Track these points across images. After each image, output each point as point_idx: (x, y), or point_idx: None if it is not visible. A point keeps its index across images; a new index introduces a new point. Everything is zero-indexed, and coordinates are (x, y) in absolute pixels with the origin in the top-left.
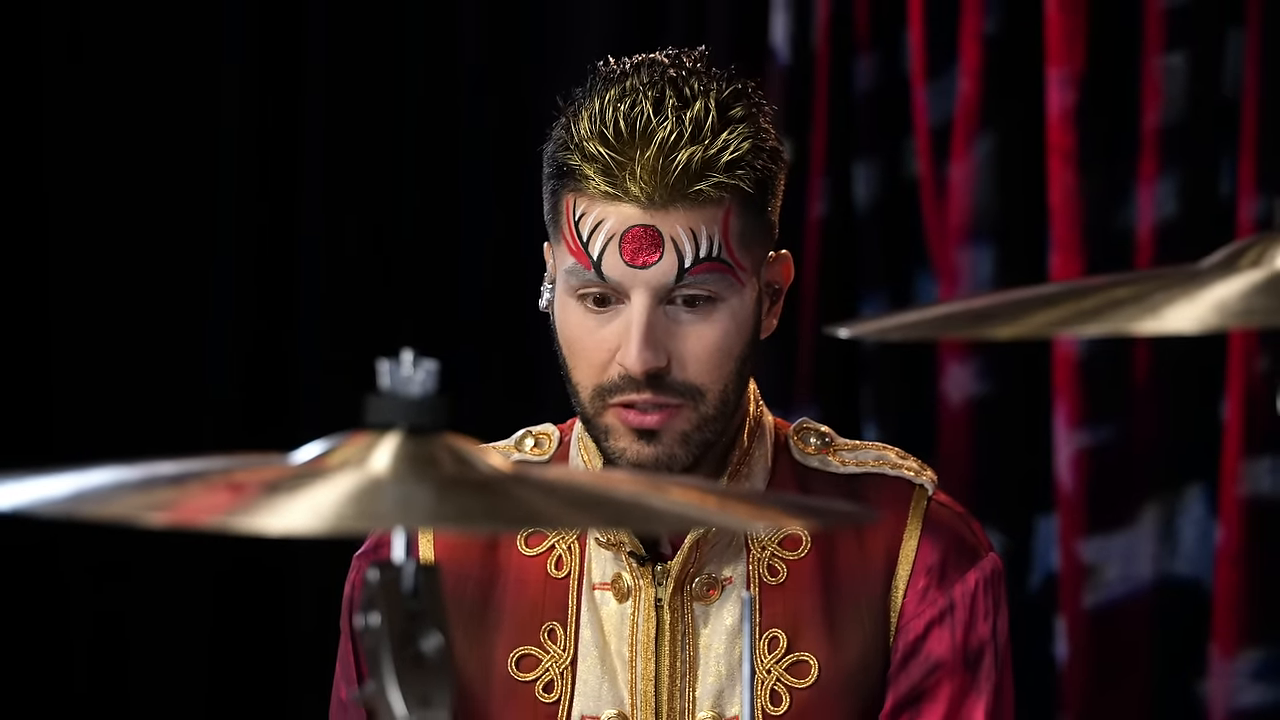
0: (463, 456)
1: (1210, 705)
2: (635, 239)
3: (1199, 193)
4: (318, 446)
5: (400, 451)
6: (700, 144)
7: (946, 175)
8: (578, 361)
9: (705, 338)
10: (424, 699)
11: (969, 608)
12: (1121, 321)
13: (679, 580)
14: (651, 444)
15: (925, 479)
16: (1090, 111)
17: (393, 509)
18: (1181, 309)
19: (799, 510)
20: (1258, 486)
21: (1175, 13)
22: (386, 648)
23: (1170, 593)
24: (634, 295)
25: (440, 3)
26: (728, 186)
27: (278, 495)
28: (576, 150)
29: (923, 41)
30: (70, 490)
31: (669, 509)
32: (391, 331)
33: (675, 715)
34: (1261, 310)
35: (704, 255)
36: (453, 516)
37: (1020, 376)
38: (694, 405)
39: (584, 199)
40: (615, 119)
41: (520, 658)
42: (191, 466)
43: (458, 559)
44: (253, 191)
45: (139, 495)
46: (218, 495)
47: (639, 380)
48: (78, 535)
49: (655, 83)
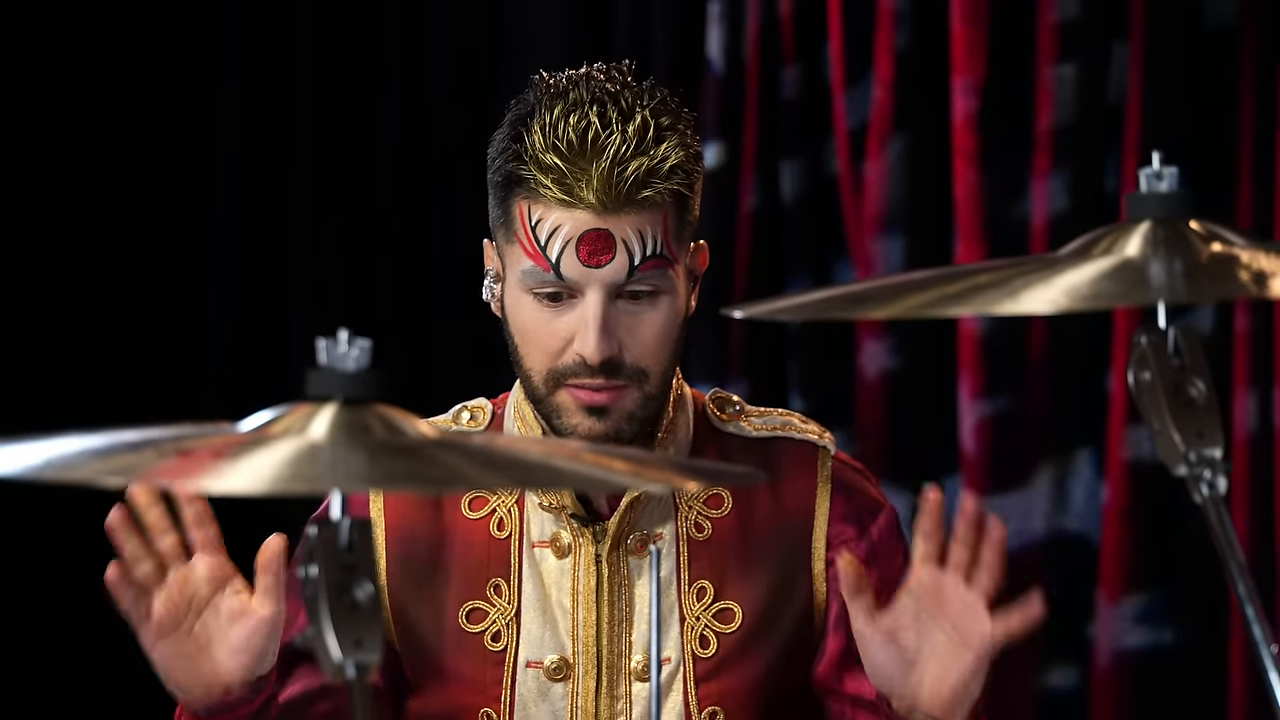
0: (393, 424)
1: (1097, 646)
2: (590, 241)
3: (1087, 188)
4: (263, 416)
5: (336, 420)
6: (646, 155)
7: (863, 173)
8: (531, 349)
9: (650, 325)
10: (357, 643)
11: (886, 548)
12: (983, 304)
13: (615, 537)
14: (602, 420)
15: (827, 440)
16: (990, 116)
17: (328, 472)
18: (1037, 292)
19: (690, 471)
20: (1139, 451)
21: (1066, 27)
22: (323, 596)
23: (1061, 546)
24: (589, 292)
25: (412, 29)
26: (668, 191)
27: (223, 460)
28: (531, 161)
29: (841, 54)
30: (41, 458)
31: (573, 470)
32: (370, 319)
33: (613, 659)
34: (1108, 294)
35: (649, 254)
36: (383, 479)
37: (928, 352)
38: (639, 385)
39: (539, 206)
40: (566, 132)
41: (469, 611)
42: (149, 435)
43: (407, 525)
44: (249, 196)
45: (100, 461)
46: (170, 461)
47: (593, 366)
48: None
49: (597, 97)
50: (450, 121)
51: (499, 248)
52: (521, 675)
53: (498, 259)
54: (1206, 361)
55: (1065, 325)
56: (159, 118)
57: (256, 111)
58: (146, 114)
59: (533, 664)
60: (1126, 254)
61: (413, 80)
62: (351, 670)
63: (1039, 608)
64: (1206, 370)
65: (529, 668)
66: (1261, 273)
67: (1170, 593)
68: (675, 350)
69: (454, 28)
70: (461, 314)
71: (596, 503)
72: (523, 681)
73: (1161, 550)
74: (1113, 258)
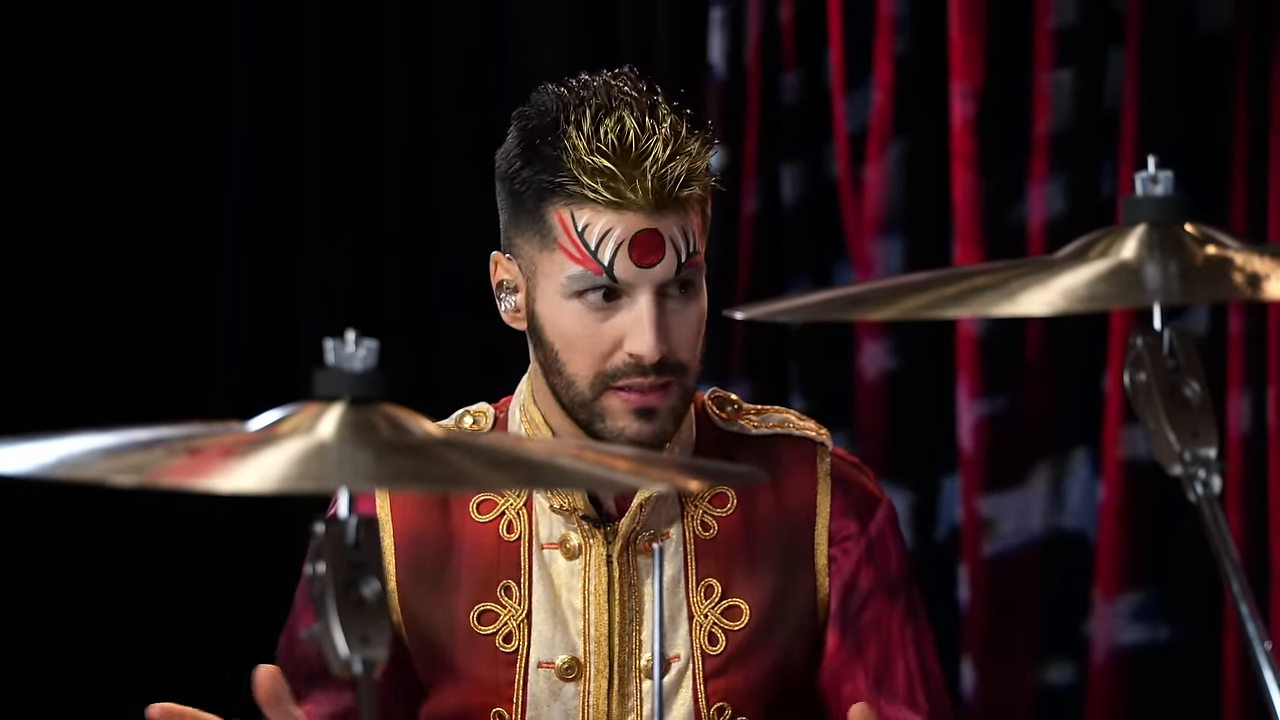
0: (399, 423)
1: (1093, 643)
2: (643, 242)
3: (1083, 192)
4: (272, 415)
5: (343, 419)
6: (685, 154)
7: (862, 176)
8: (575, 355)
9: (690, 321)
10: (364, 639)
11: (884, 543)
12: (981, 306)
13: (626, 538)
14: (650, 422)
15: (824, 437)
16: (988, 120)
17: (335, 470)
18: (1034, 294)
19: (693, 471)
20: (1135, 451)
21: (1063, 33)
22: (331, 593)
23: (1058, 544)
24: (639, 292)
25: (417, 32)
26: (704, 189)
27: (232, 459)
28: (576, 166)
29: (841, 59)
30: (53, 456)
31: (577, 469)
32: (377, 317)
33: (624, 658)
34: (1104, 296)
35: (691, 250)
36: (389, 477)
37: (927, 353)
38: (680, 380)
39: (585, 211)
40: (609, 137)
41: (480, 613)
42: (161, 434)
43: (415, 529)
44: (259, 197)
45: (111, 459)
46: (180, 459)
47: (646, 366)
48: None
49: (625, 102)
50: (457, 124)
51: (525, 259)
52: (533, 675)
53: (518, 271)
54: (1201, 363)
55: (1062, 326)
56: (169, 123)
57: (267, 115)
58: (156, 119)
59: (544, 664)
60: (1122, 256)
61: (418, 82)
62: (358, 666)
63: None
64: (1201, 371)
65: (540, 668)
66: (1256, 275)
67: (1165, 590)
68: (704, 345)
69: (458, 32)
70: (466, 314)
71: (606, 504)
72: (534, 682)
73: (1157, 548)
74: (1109, 260)
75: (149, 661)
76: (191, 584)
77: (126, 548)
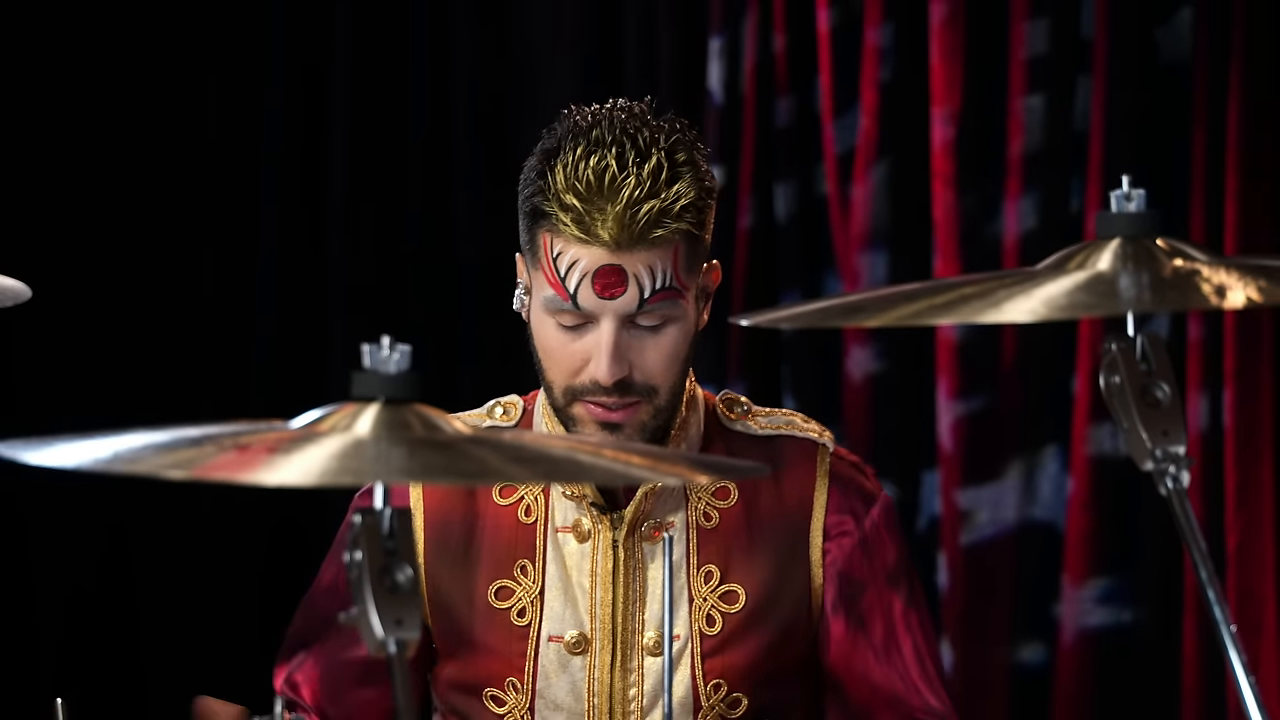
0: (431, 422)
1: (1062, 624)
2: (604, 275)
3: (1054, 209)
4: (312, 415)
5: (379, 418)
6: (658, 197)
7: (850, 194)
8: (551, 365)
9: (660, 348)
10: (398, 621)
11: (879, 537)
12: (968, 314)
13: (631, 524)
14: (615, 434)
15: (826, 438)
16: (966, 143)
17: (371, 465)
18: (1018, 303)
19: (700, 466)
20: (1101, 447)
21: (1035, 62)
22: (367, 579)
23: (1030, 533)
24: (603, 320)
25: (439, 55)
26: (678, 230)
27: (276, 455)
28: (554, 199)
29: (830, 86)
30: (109, 451)
31: (595, 464)
32: (402, 320)
33: (628, 635)
34: (1082, 304)
35: (659, 287)
36: (421, 472)
37: (910, 357)
38: (650, 400)
39: (560, 240)
40: (586, 174)
41: (498, 589)
42: (209, 431)
43: (444, 510)
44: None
45: (163, 455)
46: (228, 455)
47: (607, 386)
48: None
49: (617, 138)
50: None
51: (528, 267)
52: (544, 648)
53: (527, 275)
54: (1171, 366)
55: (1034, 332)
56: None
57: (301, 129)
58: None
59: (554, 638)
60: (1099, 268)
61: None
62: (393, 646)
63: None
64: (1171, 374)
65: (550, 641)
66: (1222, 286)
67: (1129, 576)
68: (685, 365)
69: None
70: (484, 317)
71: (616, 493)
72: (545, 654)
73: (1120, 537)
74: (1086, 271)
75: (188, 652)
76: (226, 578)
77: (167, 545)
